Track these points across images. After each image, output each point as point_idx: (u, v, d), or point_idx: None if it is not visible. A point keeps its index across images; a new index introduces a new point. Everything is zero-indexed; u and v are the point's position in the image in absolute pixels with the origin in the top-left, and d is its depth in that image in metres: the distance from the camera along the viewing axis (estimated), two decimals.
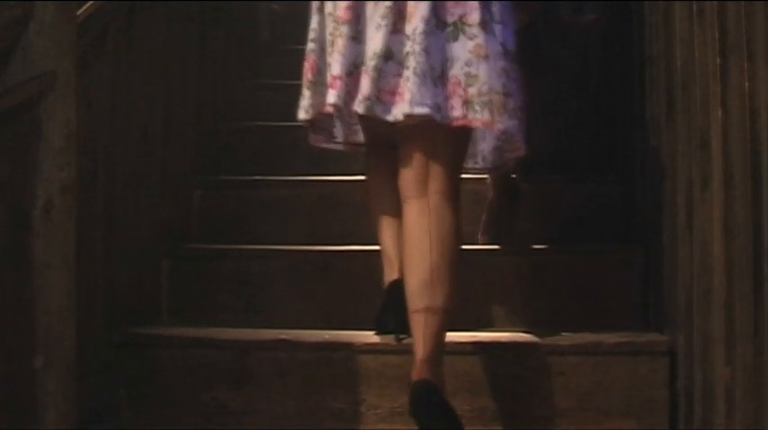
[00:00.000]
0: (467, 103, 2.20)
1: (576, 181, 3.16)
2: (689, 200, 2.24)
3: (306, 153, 3.52)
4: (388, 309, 2.47)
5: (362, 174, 2.66)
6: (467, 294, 2.80)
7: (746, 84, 1.77)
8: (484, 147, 2.52)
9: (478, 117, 2.20)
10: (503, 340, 2.53)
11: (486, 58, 2.21)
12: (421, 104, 2.16)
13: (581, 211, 3.10)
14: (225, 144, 3.62)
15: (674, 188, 2.39)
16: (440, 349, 2.18)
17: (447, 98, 2.20)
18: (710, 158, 2.03)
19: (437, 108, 2.18)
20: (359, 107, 2.22)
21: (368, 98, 2.20)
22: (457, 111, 2.20)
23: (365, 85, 2.22)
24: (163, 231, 2.96)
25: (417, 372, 2.14)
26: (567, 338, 2.51)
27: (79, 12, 2.29)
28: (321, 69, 2.36)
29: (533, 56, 3.46)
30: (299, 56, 4.44)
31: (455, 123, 2.21)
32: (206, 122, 3.49)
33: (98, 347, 2.48)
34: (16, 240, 1.99)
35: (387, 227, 2.49)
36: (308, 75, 2.38)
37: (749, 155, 1.76)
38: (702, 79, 2.08)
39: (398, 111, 2.19)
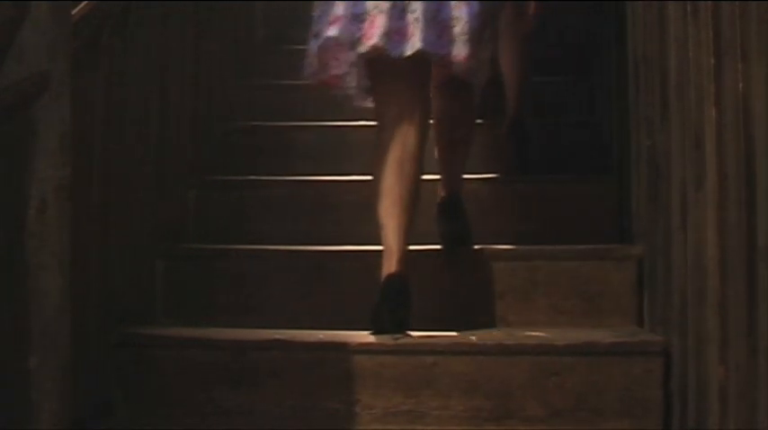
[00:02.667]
0: (451, 41, 2.60)
1: (571, 181, 3.17)
2: (683, 200, 2.24)
3: (302, 153, 3.54)
4: (385, 307, 2.54)
5: (373, 159, 2.66)
6: (461, 296, 2.81)
7: (741, 84, 1.77)
8: None
9: (461, 52, 2.60)
10: (497, 340, 2.53)
11: (468, 3, 2.62)
12: (426, 42, 2.56)
13: (576, 211, 3.11)
14: (221, 144, 3.62)
15: (668, 188, 2.39)
16: (461, 173, 2.91)
17: (438, 36, 2.59)
18: (705, 158, 2.03)
19: (432, 45, 2.57)
20: (380, 41, 2.55)
21: (384, 34, 2.56)
22: (445, 49, 2.60)
23: (381, 23, 2.57)
24: (159, 231, 2.96)
25: (445, 190, 2.90)
26: (561, 338, 2.52)
27: (74, 11, 2.29)
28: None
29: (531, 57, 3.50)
30: (295, 56, 4.46)
31: (445, 59, 2.62)
32: (202, 122, 3.49)
33: (93, 347, 2.47)
34: (10, 240, 1.99)
35: (392, 217, 2.60)
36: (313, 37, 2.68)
37: (743, 155, 1.77)
38: (697, 79, 2.08)
39: (407, 49, 2.56)
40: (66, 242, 2.09)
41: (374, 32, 2.56)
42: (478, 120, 3.23)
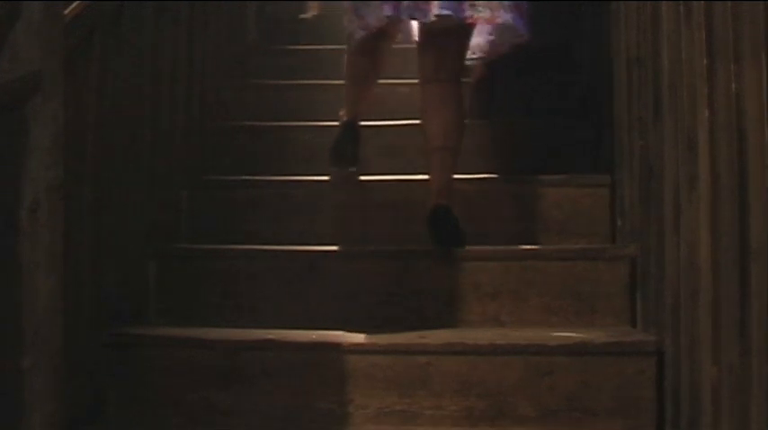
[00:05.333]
0: (472, 5, 2.92)
1: (564, 181, 3.17)
2: (676, 200, 2.24)
3: (293, 153, 3.54)
4: (346, 140, 3.20)
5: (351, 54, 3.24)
6: (454, 295, 2.81)
7: (733, 85, 1.77)
8: (479, 41, 3.23)
9: (481, 15, 2.93)
10: (490, 340, 2.53)
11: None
12: (446, 9, 2.89)
13: (569, 211, 3.11)
14: (213, 144, 3.62)
15: (661, 188, 2.39)
16: (451, 180, 2.97)
17: (460, 2, 2.91)
18: (697, 159, 2.03)
19: (454, 10, 2.91)
20: (403, 13, 2.92)
21: (409, 6, 2.90)
22: (467, 12, 2.92)
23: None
24: (150, 231, 2.95)
25: (436, 198, 2.92)
26: (555, 338, 2.52)
27: (66, 11, 2.28)
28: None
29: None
30: (287, 56, 4.46)
31: (466, 21, 2.94)
32: (194, 122, 3.48)
33: (85, 348, 2.47)
34: (2, 240, 1.98)
35: (359, 85, 3.25)
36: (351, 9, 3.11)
37: (736, 156, 1.77)
38: (690, 80, 2.09)
39: (431, 15, 2.90)
40: (59, 242, 2.08)
41: (402, 5, 2.91)
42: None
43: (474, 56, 3.25)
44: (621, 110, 2.92)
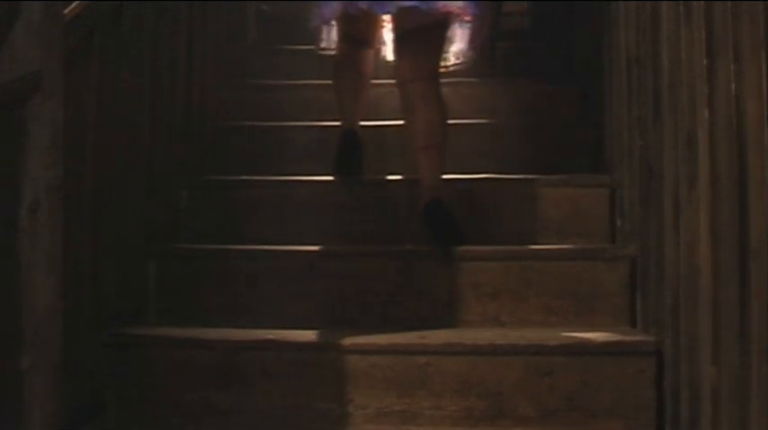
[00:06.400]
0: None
1: (564, 181, 3.17)
2: (676, 200, 2.25)
3: (293, 153, 3.54)
4: (348, 148, 3.20)
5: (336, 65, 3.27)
6: (454, 295, 2.81)
7: (733, 85, 1.77)
8: (461, 46, 3.25)
9: (454, 4, 2.98)
10: (490, 340, 2.53)
11: None
12: (413, 1, 2.91)
13: (569, 211, 3.11)
14: (212, 144, 3.62)
15: (660, 188, 2.39)
16: (440, 176, 2.98)
17: None
18: (697, 159, 2.03)
19: (424, 2, 2.92)
20: (362, 5, 2.98)
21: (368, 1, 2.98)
22: (440, 3, 2.95)
23: None
24: (150, 231, 2.95)
25: (428, 194, 2.93)
26: (554, 338, 2.52)
27: (66, 11, 2.28)
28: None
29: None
30: (286, 56, 4.46)
31: (439, 11, 2.96)
32: (193, 122, 3.48)
33: (85, 348, 2.47)
34: (2, 240, 1.98)
35: (350, 96, 3.27)
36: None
37: (735, 155, 1.77)
38: (689, 79, 2.09)
39: (391, 7, 2.96)
40: (58, 241, 2.08)
41: None
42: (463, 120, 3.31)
43: (458, 61, 3.26)
44: (621, 110, 2.92)
